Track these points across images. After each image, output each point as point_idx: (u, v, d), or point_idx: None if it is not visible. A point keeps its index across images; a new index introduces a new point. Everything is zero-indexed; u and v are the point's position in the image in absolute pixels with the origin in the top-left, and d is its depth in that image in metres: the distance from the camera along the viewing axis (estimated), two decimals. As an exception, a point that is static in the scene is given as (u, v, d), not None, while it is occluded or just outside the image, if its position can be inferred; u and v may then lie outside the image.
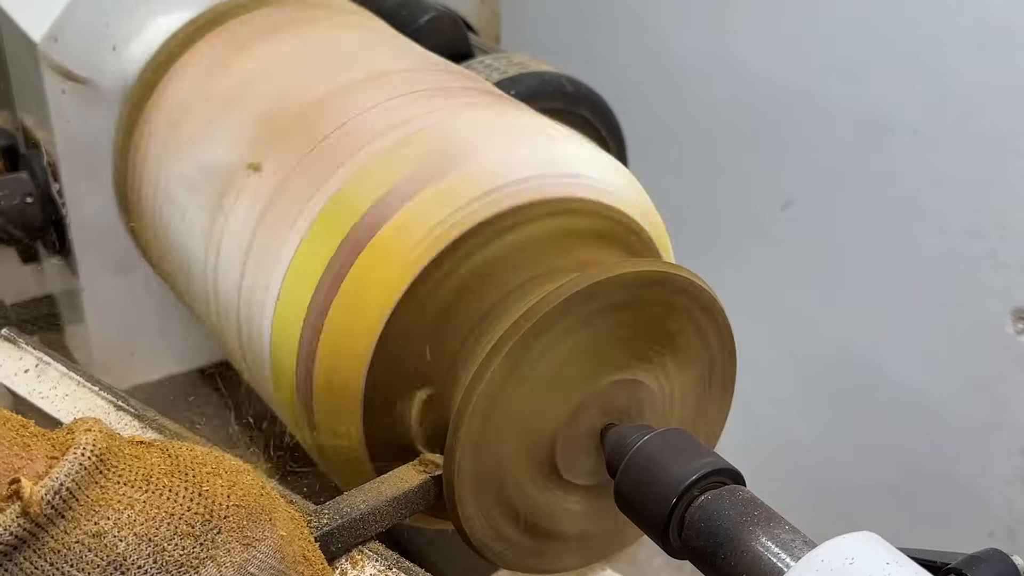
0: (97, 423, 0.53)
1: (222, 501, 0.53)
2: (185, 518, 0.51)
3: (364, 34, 0.97)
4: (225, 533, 0.52)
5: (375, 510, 0.66)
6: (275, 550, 0.54)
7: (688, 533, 0.61)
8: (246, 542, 0.53)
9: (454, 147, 0.75)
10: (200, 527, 0.52)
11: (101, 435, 0.51)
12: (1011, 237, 1.21)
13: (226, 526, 0.53)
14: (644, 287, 0.69)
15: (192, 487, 0.53)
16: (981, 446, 1.30)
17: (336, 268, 0.72)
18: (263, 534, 0.54)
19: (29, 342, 0.81)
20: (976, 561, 0.56)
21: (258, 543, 0.54)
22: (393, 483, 0.68)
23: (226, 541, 0.52)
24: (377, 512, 0.66)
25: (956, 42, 1.20)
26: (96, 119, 1.01)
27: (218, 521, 0.52)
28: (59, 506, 0.48)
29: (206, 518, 0.52)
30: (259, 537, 0.54)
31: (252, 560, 0.53)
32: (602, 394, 0.70)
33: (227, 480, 0.55)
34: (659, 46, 1.54)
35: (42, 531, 0.48)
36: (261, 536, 0.54)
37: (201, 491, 0.53)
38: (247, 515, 0.54)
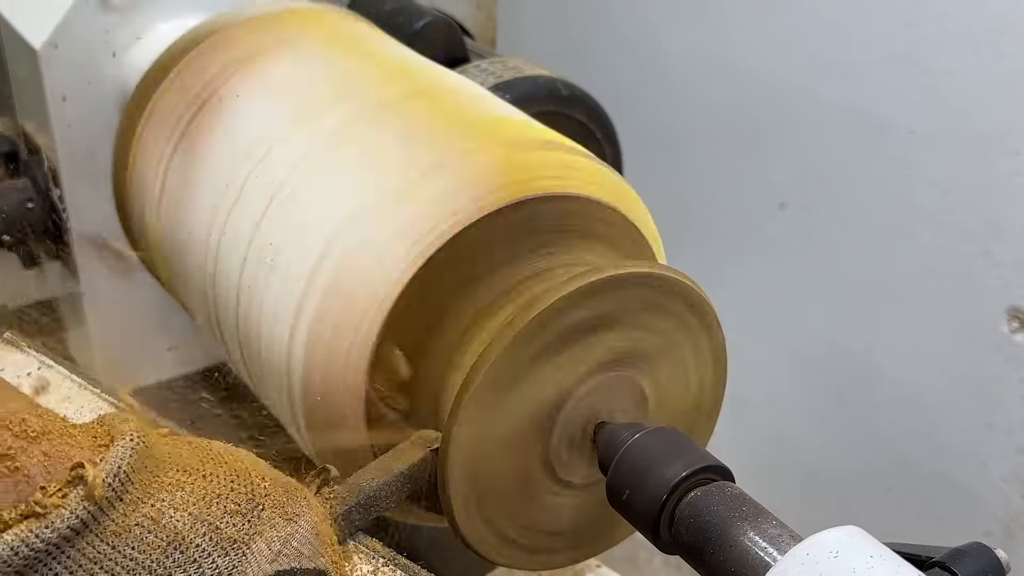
0: (133, 414, 0.55)
1: (259, 482, 0.55)
2: (231, 497, 0.53)
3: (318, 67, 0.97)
4: (268, 510, 0.54)
5: (386, 485, 0.67)
6: (312, 526, 0.56)
7: (678, 529, 0.62)
8: (288, 517, 0.55)
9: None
10: (246, 505, 0.53)
11: (138, 423, 0.53)
12: (1006, 237, 1.22)
13: (268, 503, 0.54)
14: (633, 288, 0.70)
15: (229, 470, 0.55)
16: (977, 445, 1.31)
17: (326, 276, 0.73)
18: (302, 510, 0.56)
19: (31, 345, 0.82)
20: (960, 555, 0.57)
21: (298, 518, 0.55)
22: (399, 459, 0.69)
23: (271, 517, 0.54)
24: (388, 487, 0.67)
25: (951, 43, 1.21)
26: (96, 125, 1.02)
27: (260, 499, 0.54)
28: (118, 489, 0.50)
29: (249, 497, 0.54)
30: (299, 513, 0.56)
31: (295, 534, 0.54)
32: (594, 393, 0.71)
33: (252, 461, 0.57)
34: (655, 48, 1.55)
35: (103, 515, 0.49)
36: (301, 512, 0.56)
37: (238, 474, 0.55)
38: (285, 493, 0.56)
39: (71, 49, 1.00)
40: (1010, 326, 1.24)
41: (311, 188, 0.79)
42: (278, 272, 0.77)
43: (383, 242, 0.73)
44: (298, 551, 0.54)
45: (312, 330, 0.74)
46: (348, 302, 0.73)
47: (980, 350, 1.27)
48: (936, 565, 0.57)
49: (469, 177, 0.74)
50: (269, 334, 0.77)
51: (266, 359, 0.79)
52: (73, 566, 0.48)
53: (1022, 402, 1.25)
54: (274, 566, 0.53)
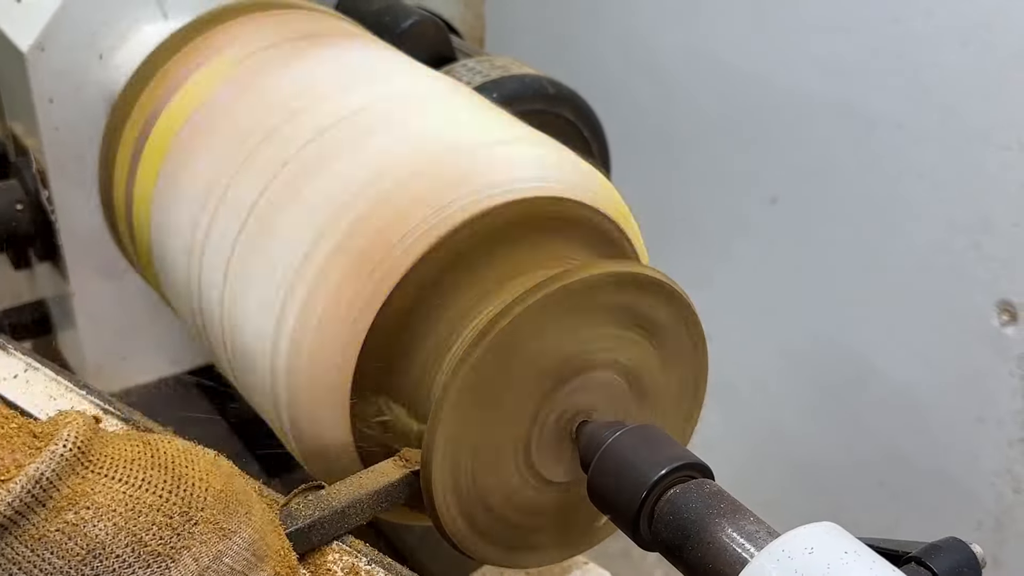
0: (80, 416, 0.54)
1: (200, 493, 0.55)
2: (163, 509, 0.53)
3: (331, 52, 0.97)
4: (202, 524, 0.54)
5: (356, 502, 0.67)
6: (250, 542, 0.56)
7: (657, 526, 0.62)
8: (222, 534, 0.54)
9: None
10: (178, 518, 0.53)
11: (83, 427, 0.53)
12: (995, 230, 1.22)
13: (203, 517, 0.54)
14: (611, 287, 0.70)
15: (171, 479, 0.54)
16: (968, 438, 1.31)
17: (310, 279, 0.73)
18: (239, 526, 0.56)
19: (17, 347, 0.82)
20: (935, 550, 0.58)
21: (233, 535, 0.55)
22: (374, 477, 0.70)
23: (203, 532, 0.54)
24: (358, 504, 0.67)
25: (938, 38, 1.21)
26: (84, 127, 1.03)
27: (195, 513, 0.54)
28: (39, 495, 0.50)
29: (184, 509, 0.54)
30: (235, 529, 0.55)
31: (228, 551, 0.54)
32: (575, 391, 0.71)
33: (204, 473, 0.56)
34: (644, 46, 1.55)
35: (23, 519, 0.49)
36: (237, 528, 0.55)
37: (179, 483, 0.54)
38: (223, 507, 0.55)
39: (58, 52, 1.01)
40: (1000, 319, 1.24)
41: (296, 188, 0.79)
42: (261, 272, 0.78)
43: (367, 243, 0.73)
44: (230, 567, 0.54)
45: (295, 334, 0.74)
46: (332, 305, 0.73)
47: (970, 343, 1.27)
48: (912, 560, 0.57)
49: (450, 180, 0.74)
50: (253, 336, 0.78)
51: (250, 361, 0.79)
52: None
53: (1013, 395, 1.25)
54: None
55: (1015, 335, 1.23)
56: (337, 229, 0.74)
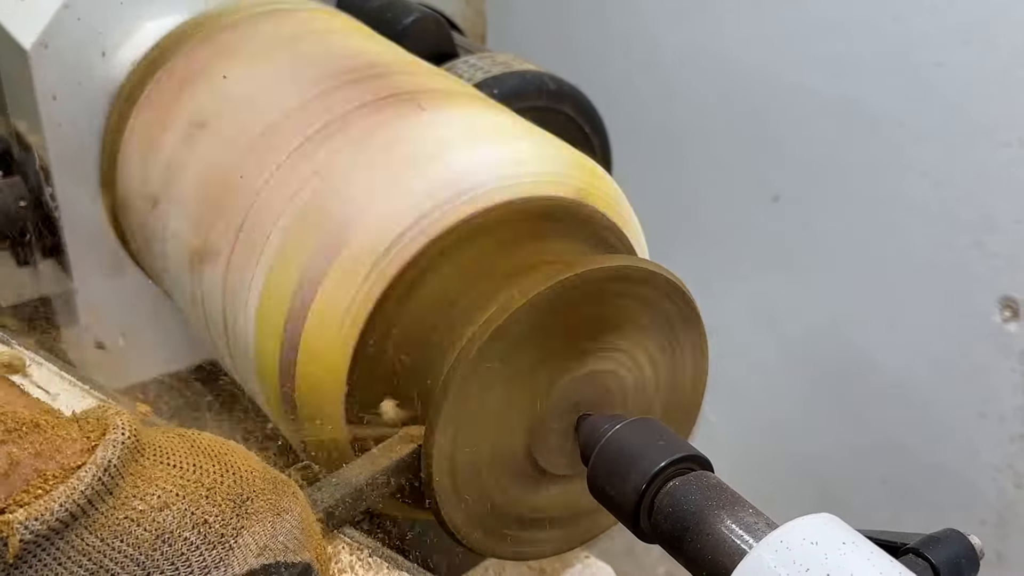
0: (121, 407, 0.54)
1: (249, 475, 0.55)
2: (221, 491, 0.53)
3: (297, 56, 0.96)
4: (258, 503, 0.54)
5: (372, 480, 0.68)
6: (299, 520, 0.56)
7: (657, 518, 0.62)
8: (276, 512, 0.55)
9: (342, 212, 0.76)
10: (235, 499, 0.54)
11: (132, 417, 0.53)
12: (998, 227, 1.22)
13: (256, 497, 0.55)
14: (612, 282, 0.70)
15: (219, 464, 0.55)
16: (970, 434, 1.31)
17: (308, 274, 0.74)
18: (290, 505, 0.56)
19: (22, 343, 0.82)
20: (933, 541, 0.58)
21: (286, 513, 0.56)
22: (385, 455, 0.70)
23: (259, 511, 0.54)
24: (374, 482, 0.68)
25: (940, 35, 1.21)
26: (87, 124, 1.03)
27: (249, 493, 0.54)
28: (108, 483, 0.50)
29: (238, 491, 0.54)
30: (287, 508, 0.56)
31: (282, 529, 0.55)
32: (575, 385, 0.71)
33: (244, 457, 0.57)
34: (647, 43, 1.55)
35: (93, 508, 0.49)
36: (289, 507, 0.56)
37: (227, 467, 0.55)
38: (273, 487, 0.56)
39: (61, 49, 1.01)
40: (1002, 315, 1.24)
41: (295, 183, 0.80)
42: (262, 267, 0.78)
43: (368, 236, 0.73)
44: (284, 545, 0.54)
45: (294, 329, 0.75)
46: (332, 296, 0.73)
47: (973, 340, 1.28)
48: (910, 552, 0.57)
49: (448, 177, 0.74)
50: (255, 329, 0.78)
51: (253, 355, 0.79)
52: (62, 558, 0.49)
53: (1015, 391, 1.25)
54: (260, 560, 0.53)
55: (1017, 331, 1.23)
56: (333, 225, 0.75)
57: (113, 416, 0.53)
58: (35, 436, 0.50)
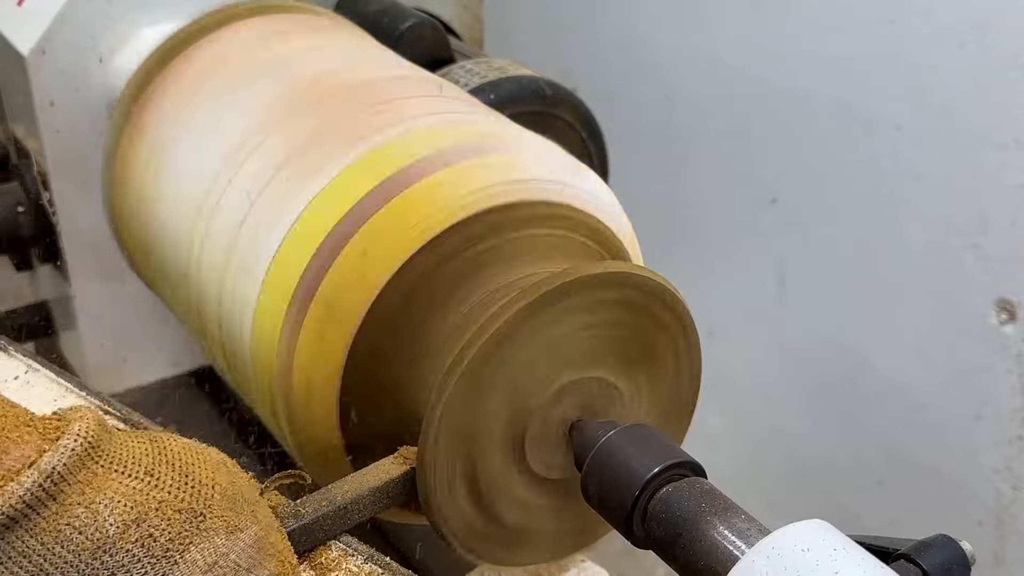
0: (89, 411, 0.54)
1: (207, 490, 0.55)
2: (172, 504, 0.53)
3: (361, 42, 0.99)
4: (209, 520, 0.54)
5: (358, 499, 0.68)
6: (255, 539, 0.56)
7: (650, 524, 0.63)
8: (229, 530, 0.55)
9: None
10: (186, 514, 0.54)
11: (93, 423, 0.53)
12: (993, 229, 1.22)
13: (210, 513, 0.54)
14: (607, 288, 0.70)
15: (179, 475, 0.55)
16: (967, 436, 1.31)
17: (310, 277, 0.74)
18: (245, 523, 0.56)
19: (18, 349, 0.82)
20: (925, 547, 0.58)
21: (240, 532, 0.55)
22: (375, 474, 0.70)
23: (210, 528, 0.54)
24: (360, 502, 0.68)
25: (935, 38, 1.21)
26: (84, 130, 1.03)
27: (203, 509, 0.54)
28: (50, 489, 0.50)
29: (192, 505, 0.54)
30: (241, 526, 0.56)
31: (234, 548, 0.55)
32: (570, 391, 0.71)
33: (211, 470, 0.57)
34: (643, 47, 1.55)
35: (34, 512, 0.50)
36: (243, 525, 0.56)
37: (187, 479, 0.55)
38: (231, 504, 0.56)
39: (58, 55, 1.01)
40: (999, 318, 1.24)
41: (290, 188, 0.80)
42: (257, 271, 0.78)
43: (365, 241, 0.73)
44: (236, 563, 0.54)
45: (289, 334, 0.75)
46: (327, 302, 0.74)
47: (969, 342, 1.28)
48: (901, 557, 0.58)
49: (442, 183, 0.75)
50: (250, 335, 0.78)
51: (247, 361, 0.80)
52: (3, 557, 0.49)
53: (1012, 393, 1.26)
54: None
55: (1014, 333, 1.23)
56: (328, 229, 0.75)
57: (75, 420, 0.53)
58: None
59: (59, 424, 0.53)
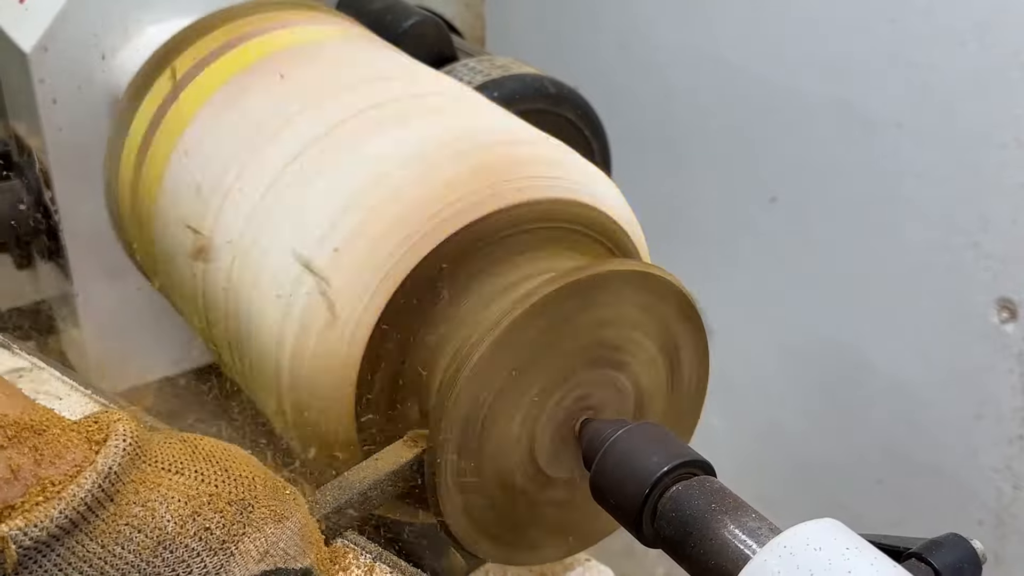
0: (125, 413, 0.54)
1: (249, 482, 0.55)
2: (222, 497, 0.53)
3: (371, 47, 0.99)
4: (258, 510, 0.54)
5: (376, 484, 0.68)
6: (301, 526, 0.56)
7: (660, 523, 0.62)
8: (276, 517, 0.55)
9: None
10: (236, 505, 0.54)
11: (134, 423, 0.53)
12: (994, 228, 1.22)
13: (258, 503, 0.55)
14: (617, 285, 0.70)
15: (219, 470, 0.55)
16: (968, 435, 1.31)
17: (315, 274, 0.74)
18: (290, 511, 0.56)
19: (23, 347, 0.82)
20: (936, 546, 0.58)
21: (287, 519, 0.56)
22: (389, 459, 0.70)
23: (260, 517, 0.54)
24: (379, 485, 0.68)
25: (936, 37, 1.21)
26: (87, 127, 1.03)
27: (250, 499, 0.55)
28: (108, 490, 0.50)
29: (240, 496, 0.54)
30: (288, 513, 0.56)
31: (283, 535, 0.55)
32: (579, 389, 0.71)
33: (246, 463, 0.57)
34: (645, 46, 1.55)
35: (93, 514, 0.49)
36: (289, 513, 0.56)
37: (228, 473, 0.55)
38: (274, 493, 0.56)
39: (61, 52, 1.01)
40: (1000, 316, 1.24)
41: (302, 186, 0.80)
42: (267, 270, 0.78)
43: (376, 237, 0.73)
44: (285, 551, 0.54)
45: (301, 328, 0.75)
46: (339, 299, 0.73)
47: (970, 341, 1.28)
48: (913, 556, 0.58)
49: (460, 177, 0.75)
50: (258, 331, 0.78)
51: (256, 356, 0.79)
52: (63, 564, 0.49)
53: (1012, 392, 1.26)
54: (260, 566, 0.53)
55: (1015, 332, 1.23)
56: (343, 226, 0.75)
57: (116, 422, 0.53)
58: (36, 442, 0.50)
59: (100, 427, 0.53)
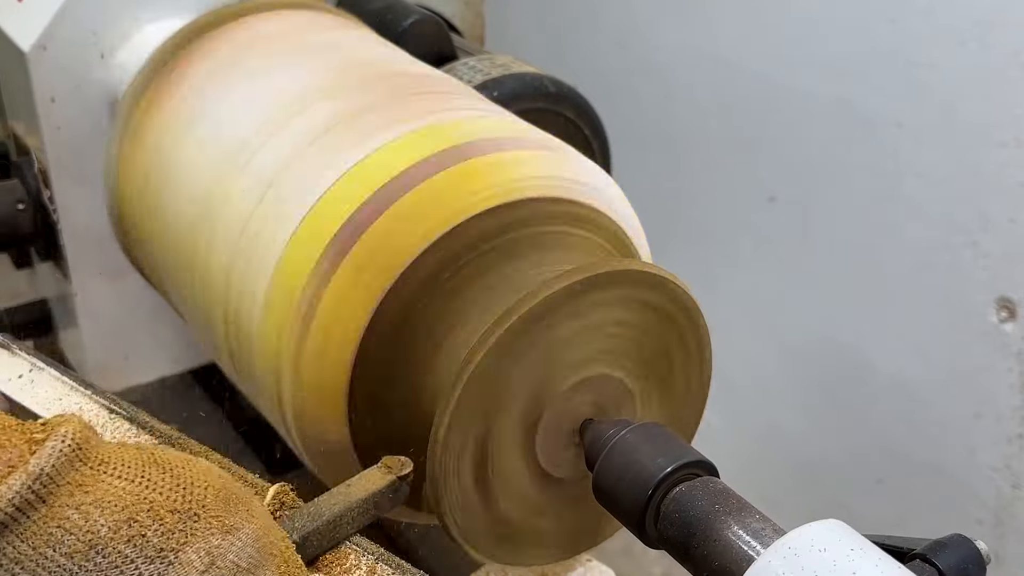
0: (75, 417, 0.53)
1: (199, 491, 0.54)
2: (164, 504, 0.52)
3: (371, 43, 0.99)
4: (204, 520, 0.53)
5: (346, 511, 0.67)
6: (253, 539, 0.55)
7: (663, 524, 0.62)
8: (225, 529, 0.54)
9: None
10: (180, 513, 0.53)
11: (79, 425, 0.52)
12: (994, 227, 1.22)
13: (204, 513, 0.54)
14: (618, 285, 0.70)
15: (170, 477, 0.54)
16: (967, 434, 1.31)
17: (320, 275, 0.74)
18: (241, 522, 0.55)
19: (22, 347, 0.82)
20: (940, 547, 0.58)
21: (237, 531, 0.54)
22: (361, 485, 0.69)
23: (205, 527, 0.53)
24: (349, 513, 0.67)
25: (936, 37, 1.21)
26: (85, 126, 1.03)
27: (197, 508, 0.53)
28: (40, 491, 0.50)
29: (185, 505, 0.53)
30: (237, 525, 0.55)
31: (231, 548, 0.54)
32: (586, 388, 0.71)
33: (202, 472, 0.56)
34: (644, 45, 1.55)
35: (24, 515, 0.49)
36: (239, 524, 0.55)
37: (178, 481, 0.54)
38: (225, 503, 0.55)
39: (60, 51, 1.01)
40: (999, 316, 1.25)
41: (299, 185, 0.79)
42: (265, 270, 0.78)
43: (376, 237, 0.73)
44: (235, 563, 0.53)
45: (298, 332, 0.74)
46: (333, 304, 0.73)
47: (969, 340, 1.28)
48: (917, 557, 0.58)
49: (457, 178, 0.75)
50: (256, 334, 0.78)
51: (255, 360, 0.79)
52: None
53: (1011, 391, 1.26)
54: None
55: (1014, 331, 1.23)
56: (337, 226, 0.74)
57: (60, 424, 0.52)
58: None
59: (45, 428, 0.52)
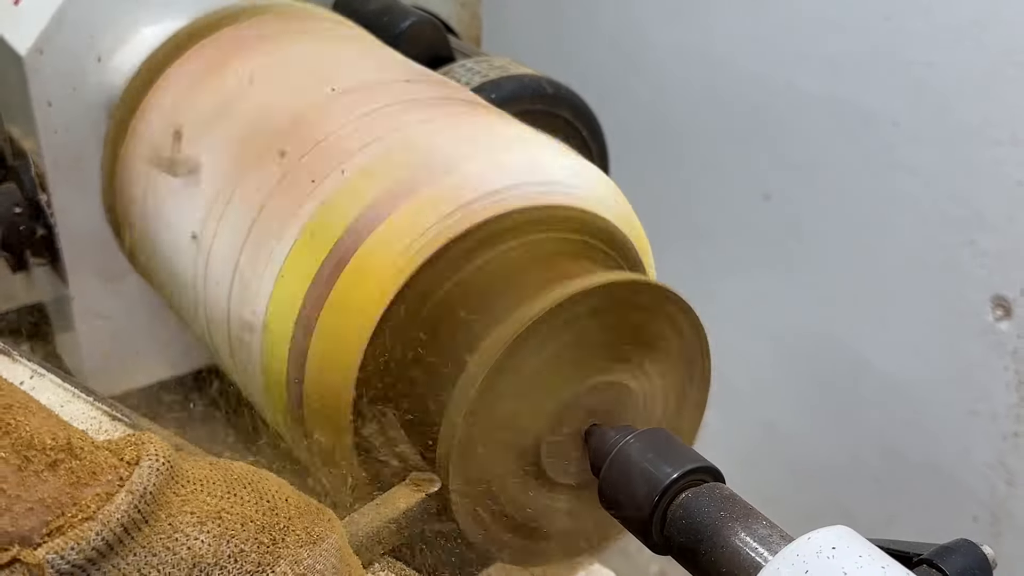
0: (153, 435, 0.54)
1: (283, 504, 0.55)
2: (257, 519, 0.53)
3: (347, 45, 0.98)
4: (293, 532, 0.54)
5: (377, 533, 0.67)
6: (336, 548, 0.56)
7: (670, 530, 0.62)
8: (313, 540, 0.54)
9: (431, 160, 0.76)
10: (271, 528, 0.53)
11: (165, 444, 0.53)
12: (989, 226, 1.22)
13: (293, 526, 0.54)
14: (622, 295, 0.70)
15: (253, 491, 0.54)
16: (962, 433, 1.32)
17: (320, 286, 0.73)
18: (326, 532, 0.56)
19: (23, 354, 0.82)
20: (947, 552, 0.58)
21: (323, 541, 0.55)
22: (391, 504, 0.69)
23: (296, 539, 0.54)
24: (379, 534, 0.68)
25: (932, 35, 1.21)
26: (82, 130, 1.02)
27: (286, 522, 0.54)
28: (144, 510, 0.49)
29: (274, 519, 0.54)
30: (323, 536, 0.55)
31: (319, 559, 0.54)
32: (585, 396, 0.71)
33: (278, 485, 0.56)
34: (640, 44, 1.55)
35: (129, 537, 0.49)
36: (325, 535, 0.55)
37: (262, 495, 0.54)
38: (309, 515, 0.56)
39: (56, 55, 1.00)
40: (994, 314, 1.25)
41: (304, 189, 0.79)
42: (268, 272, 0.78)
43: (380, 244, 0.73)
44: (321, 574, 0.54)
45: (301, 335, 0.74)
46: (341, 304, 0.73)
47: (965, 338, 1.28)
48: (924, 562, 0.58)
49: (461, 183, 0.74)
50: (258, 336, 0.78)
51: (256, 363, 0.79)
52: None
53: (1007, 389, 1.26)
54: None
55: (1009, 330, 1.24)
56: (343, 231, 0.74)
57: (147, 443, 0.52)
58: (71, 463, 0.49)
59: (131, 448, 0.52)
